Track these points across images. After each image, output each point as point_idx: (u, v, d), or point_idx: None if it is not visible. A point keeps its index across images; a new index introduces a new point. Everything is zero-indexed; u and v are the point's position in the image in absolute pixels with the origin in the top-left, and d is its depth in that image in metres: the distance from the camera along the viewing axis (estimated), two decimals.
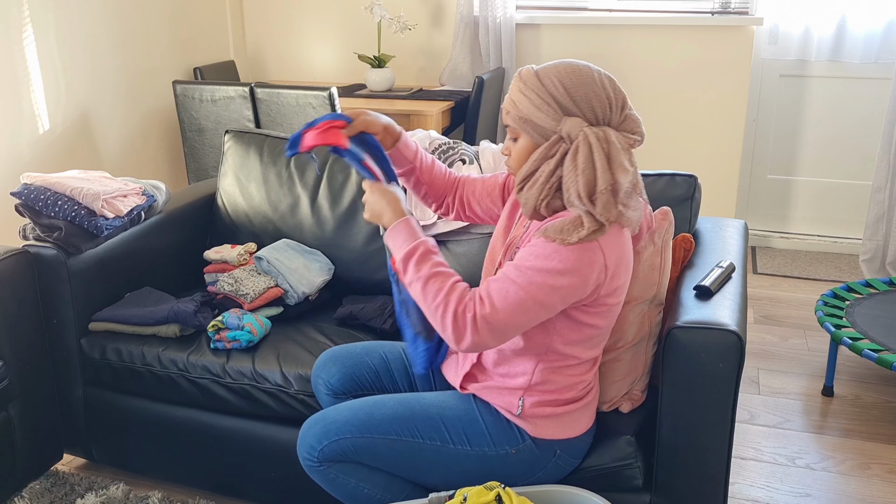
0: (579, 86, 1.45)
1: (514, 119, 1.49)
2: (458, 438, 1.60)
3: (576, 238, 1.41)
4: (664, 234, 1.76)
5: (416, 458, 1.61)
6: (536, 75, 1.48)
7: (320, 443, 1.62)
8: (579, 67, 1.48)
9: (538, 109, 1.46)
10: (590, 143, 1.42)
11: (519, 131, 1.50)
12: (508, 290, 1.42)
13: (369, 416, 1.62)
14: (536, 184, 1.47)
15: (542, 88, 1.46)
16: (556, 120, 1.45)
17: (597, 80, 1.46)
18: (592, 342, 1.57)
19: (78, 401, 2.24)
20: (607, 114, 1.46)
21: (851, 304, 2.83)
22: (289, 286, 2.24)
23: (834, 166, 3.95)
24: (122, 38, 3.57)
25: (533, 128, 1.47)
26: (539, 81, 1.47)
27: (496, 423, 1.60)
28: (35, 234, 2.16)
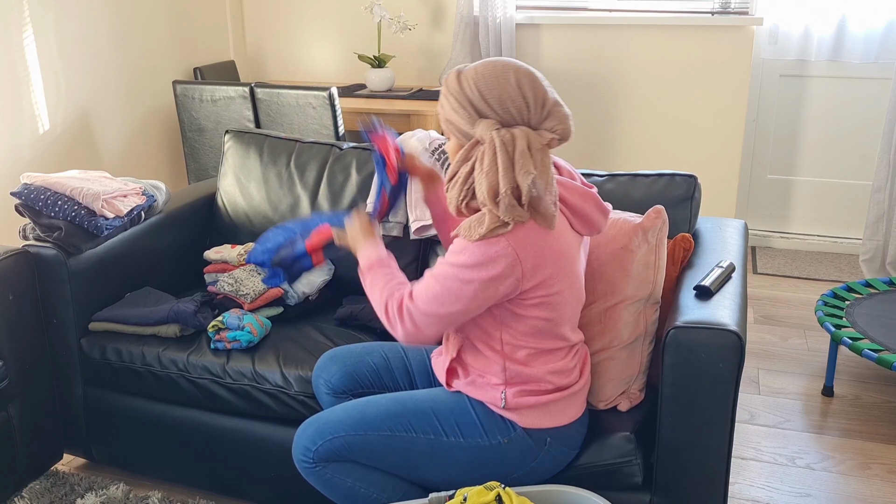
0: (493, 87, 1.49)
1: (441, 121, 1.56)
2: (451, 431, 1.62)
3: (477, 235, 1.47)
4: (658, 232, 1.76)
5: (411, 453, 1.62)
6: (457, 78, 1.53)
7: (314, 443, 1.62)
8: (497, 68, 1.51)
9: (455, 112, 1.52)
10: (494, 147, 1.46)
11: (448, 133, 1.57)
12: (429, 283, 1.53)
13: (362, 414, 1.64)
14: (456, 184, 1.52)
15: (460, 92, 1.51)
16: (471, 123, 1.50)
17: (512, 82, 1.49)
18: (545, 333, 1.59)
19: (78, 401, 2.24)
20: (524, 114, 1.50)
21: (851, 304, 2.83)
22: (288, 286, 2.24)
23: (834, 166, 3.95)
24: (122, 38, 3.58)
25: (455, 130, 1.54)
26: (458, 85, 1.52)
27: (487, 415, 1.62)
28: (35, 234, 2.16)
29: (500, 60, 1.53)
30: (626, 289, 1.74)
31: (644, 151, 4.02)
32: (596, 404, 1.78)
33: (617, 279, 1.74)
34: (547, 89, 1.51)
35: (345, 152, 2.49)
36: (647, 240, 1.75)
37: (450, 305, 1.51)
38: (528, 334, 1.58)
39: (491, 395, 1.62)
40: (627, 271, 1.74)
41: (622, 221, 1.79)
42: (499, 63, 1.52)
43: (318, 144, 2.54)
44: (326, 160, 2.49)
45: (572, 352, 1.65)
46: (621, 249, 1.75)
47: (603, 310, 1.76)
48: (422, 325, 1.54)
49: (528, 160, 1.46)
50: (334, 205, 2.42)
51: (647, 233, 1.75)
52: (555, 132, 1.51)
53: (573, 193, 1.57)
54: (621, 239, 1.75)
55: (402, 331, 1.56)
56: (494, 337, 1.60)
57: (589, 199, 1.59)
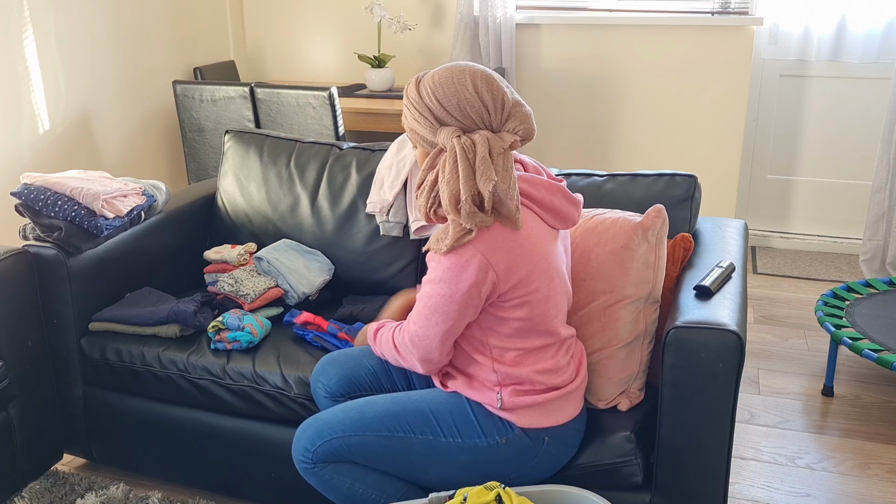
0: (451, 95, 1.49)
1: (406, 130, 1.56)
2: (448, 431, 1.62)
3: (444, 247, 1.48)
4: (658, 231, 1.76)
5: (409, 454, 1.62)
6: (416, 87, 1.53)
7: (313, 444, 1.63)
8: (453, 74, 1.50)
9: (417, 122, 1.53)
10: (455, 154, 1.46)
11: (414, 142, 1.57)
12: (418, 308, 1.57)
13: (360, 415, 1.64)
14: (423, 192, 1.53)
15: (420, 101, 1.52)
16: (433, 131, 1.51)
17: (469, 87, 1.48)
18: (531, 331, 1.58)
19: (78, 401, 2.24)
20: (485, 118, 1.49)
21: (851, 304, 2.83)
22: (289, 286, 2.24)
23: (834, 166, 3.95)
24: (122, 38, 3.57)
25: (419, 139, 1.54)
26: (417, 94, 1.52)
27: (485, 415, 1.62)
28: (35, 234, 2.16)
29: (457, 66, 1.52)
30: (626, 287, 1.74)
31: (644, 151, 4.02)
32: (596, 403, 1.78)
33: (616, 278, 1.74)
34: (505, 90, 1.50)
35: (345, 152, 2.49)
36: (647, 239, 1.75)
37: (443, 323, 1.54)
38: (514, 335, 1.58)
39: (487, 397, 1.62)
40: (627, 270, 1.74)
41: (622, 220, 1.79)
42: (455, 69, 1.51)
43: (318, 144, 2.54)
44: (326, 160, 2.49)
45: (563, 348, 1.64)
46: (621, 248, 1.75)
47: (602, 308, 1.76)
48: (428, 348, 1.58)
49: (489, 166, 1.45)
50: (334, 205, 2.42)
51: (648, 232, 1.75)
52: (517, 133, 1.50)
53: (540, 189, 1.56)
54: (621, 238, 1.75)
55: (416, 361, 1.61)
56: (482, 342, 1.60)
57: (557, 193, 1.58)
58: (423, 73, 1.55)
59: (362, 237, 2.38)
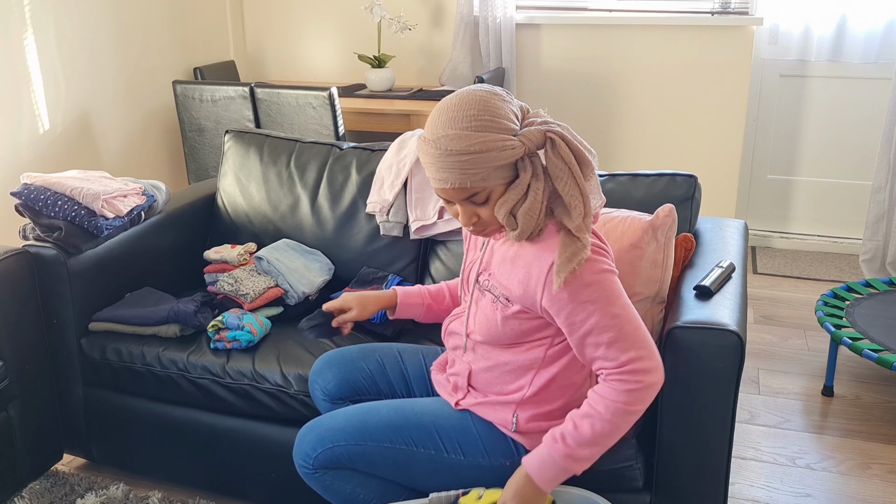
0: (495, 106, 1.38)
1: (477, 183, 1.38)
2: (452, 448, 1.59)
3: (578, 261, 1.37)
4: (667, 231, 1.76)
5: (411, 466, 1.60)
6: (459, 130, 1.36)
7: (315, 450, 1.61)
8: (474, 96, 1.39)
9: (497, 151, 1.36)
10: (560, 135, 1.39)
11: (489, 188, 1.40)
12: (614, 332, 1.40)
13: (363, 424, 1.61)
14: (535, 205, 1.40)
15: (481, 134, 1.36)
16: (516, 144, 1.37)
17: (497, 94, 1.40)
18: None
19: (78, 401, 2.24)
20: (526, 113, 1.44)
21: (851, 304, 2.83)
22: (289, 286, 2.24)
23: (834, 166, 3.95)
24: (122, 38, 3.57)
25: (501, 171, 1.38)
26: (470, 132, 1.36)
27: (491, 435, 1.59)
28: (35, 234, 2.16)
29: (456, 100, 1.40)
30: (634, 286, 1.74)
31: (644, 151, 4.02)
32: None
33: (625, 276, 1.74)
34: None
35: (345, 152, 2.49)
36: (656, 238, 1.75)
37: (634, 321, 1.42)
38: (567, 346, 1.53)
39: (501, 417, 1.58)
40: (636, 269, 1.74)
41: (631, 219, 1.79)
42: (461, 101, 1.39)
43: (318, 144, 2.54)
44: (326, 160, 2.49)
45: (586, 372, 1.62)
46: (630, 247, 1.75)
47: None
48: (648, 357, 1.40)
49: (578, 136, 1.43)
50: (334, 205, 2.42)
51: (657, 231, 1.75)
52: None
53: None
54: (630, 236, 1.75)
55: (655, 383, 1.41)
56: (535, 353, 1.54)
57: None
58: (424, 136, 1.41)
59: (362, 237, 2.38)
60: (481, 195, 1.41)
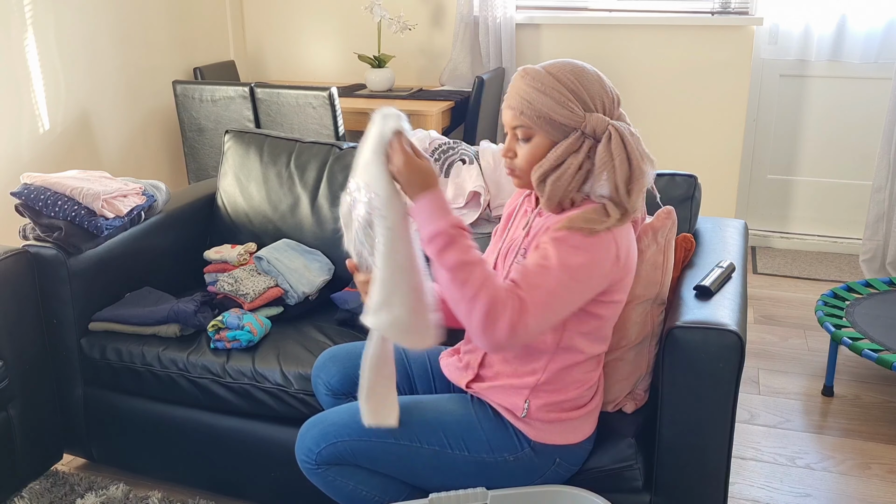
0: (591, 83, 1.50)
1: (531, 118, 1.48)
2: (455, 444, 1.59)
3: (603, 227, 1.44)
4: (667, 232, 1.76)
5: (414, 462, 1.61)
6: (550, 74, 1.49)
7: (318, 446, 1.61)
8: (583, 66, 1.53)
9: (560, 106, 1.47)
10: (621, 136, 1.46)
11: (534, 130, 1.49)
12: (541, 286, 1.40)
13: None
14: (564, 176, 1.47)
15: (561, 86, 1.48)
16: (579, 116, 1.47)
17: (600, 78, 1.53)
18: (597, 335, 1.57)
19: (78, 401, 2.24)
20: (612, 109, 1.52)
21: (851, 304, 2.83)
22: (289, 286, 2.24)
23: (834, 166, 3.95)
24: (122, 38, 3.57)
25: (552, 125, 1.48)
26: (555, 80, 1.48)
27: (495, 430, 1.60)
28: (35, 234, 2.16)
29: (573, 60, 1.54)
30: (635, 288, 1.73)
31: None
32: (603, 406, 1.76)
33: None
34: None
35: (345, 152, 2.49)
36: (656, 240, 1.75)
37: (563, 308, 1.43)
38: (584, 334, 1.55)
39: (512, 402, 1.58)
40: (637, 271, 1.74)
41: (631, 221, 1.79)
42: (577, 62, 1.54)
43: (318, 144, 2.54)
44: (326, 160, 2.49)
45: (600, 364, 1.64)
46: None
47: None
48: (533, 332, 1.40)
49: (644, 150, 1.50)
50: (334, 205, 2.42)
51: (657, 233, 1.75)
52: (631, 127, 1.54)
53: None
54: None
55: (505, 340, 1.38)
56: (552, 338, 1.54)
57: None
58: (533, 66, 1.53)
59: None
60: (525, 131, 1.50)
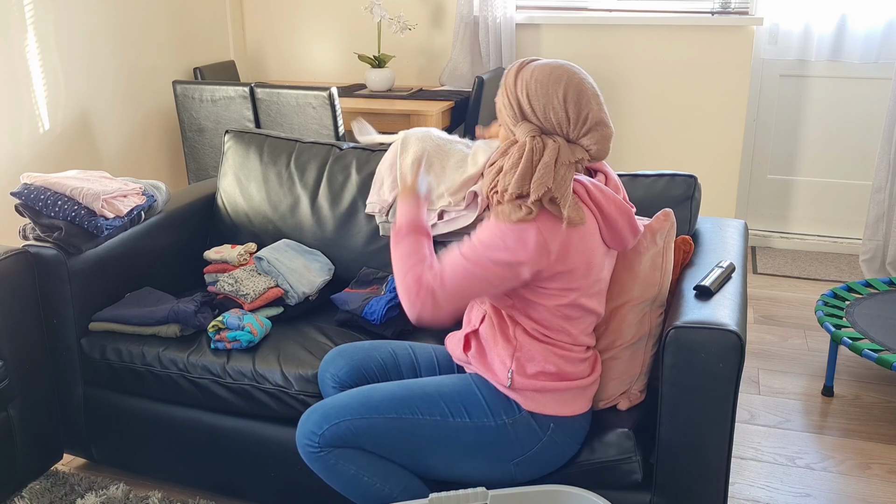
0: (541, 96, 1.55)
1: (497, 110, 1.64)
2: (456, 411, 1.65)
3: (515, 217, 1.52)
4: (665, 235, 1.76)
5: (416, 436, 1.64)
6: (516, 74, 1.58)
7: (320, 427, 1.63)
8: (552, 76, 1.56)
9: (505, 107, 1.60)
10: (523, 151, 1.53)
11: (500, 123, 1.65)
12: (456, 263, 1.56)
13: (368, 398, 1.66)
14: (490, 173, 1.60)
15: (513, 89, 1.58)
16: (515, 122, 1.59)
17: (560, 95, 1.55)
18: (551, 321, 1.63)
19: (78, 401, 2.24)
20: (564, 127, 1.56)
21: (851, 304, 2.83)
22: (289, 286, 2.24)
23: (834, 166, 3.95)
24: (122, 38, 3.58)
25: (503, 120, 1.62)
26: (514, 82, 1.58)
27: (493, 395, 1.66)
28: (35, 234, 2.16)
29: (560, 68, 1.57)
30: (633, 290, 1.74)
31: (644, 151, 4.02)
32: (595, 403, 1.78)
33: (624, 280, 1.74)
34: (594, 107, 1.56)
35: (345, 152, 2.49)
36: (655, 241, 1.75)
37: (477, 285, 1.55)
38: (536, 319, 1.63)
39: (499, 371, 1.66)
40: (635, 272, 1.74)
41: None
42: (555, 71, 1.56)
43: (318, 144, 2.54)
44: (326, 160, 2.49)
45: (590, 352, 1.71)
46: (629, 250, 1.75)
47: (609, 310, 1.76)
48: (443, 302, 1.56)
49: (550, 173, 1.51)
50: (334, 205, 2.42)
51: (656, 235, 1.75)
52: (589, 150, 1.57)
53: (610, 205, 1.61)
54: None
55: (419, 308, 1.58)
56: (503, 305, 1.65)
57: (624, 215, 1.63)
58: (528, 60, 1.60)
59: (362, 237, 2.38)
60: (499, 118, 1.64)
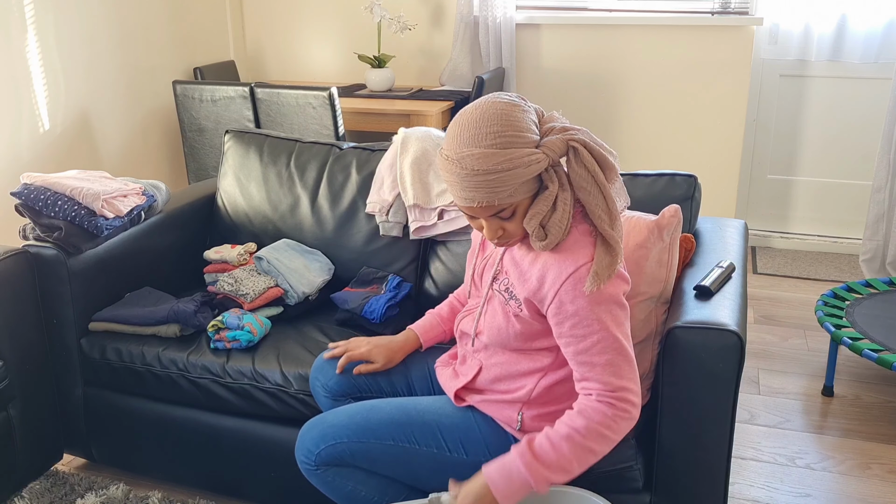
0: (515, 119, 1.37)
1: (505, 200, 1.38)
2: (454, 446, 1.59)
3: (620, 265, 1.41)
4: (672, 231, 1.77)
5: (413, 464, 1.60)
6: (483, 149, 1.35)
7: (317, 447, 1.61)
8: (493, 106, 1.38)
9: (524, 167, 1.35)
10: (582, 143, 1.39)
11: (514, 205, 1.40)
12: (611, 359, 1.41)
13: (366, 421, 1.61)
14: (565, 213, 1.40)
15: (498, 153, 1.34)
16: (540, 157, 1.37)
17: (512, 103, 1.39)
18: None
19: (78, 401, 2.24)
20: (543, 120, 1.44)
21: (851, 304, 2.83)
22: (289, 286, 2.24)
23: (834, 166, 3.95)
24: (122, 38, 3.57)
25: (525, 187, 1.38)
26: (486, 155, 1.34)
27: (493, 434, 1.59)
28: (35, 234, 2.16)
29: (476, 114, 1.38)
30: (640, 286, 1.74)
31: (644, 151, 4.02)
32: None
33: (631, 276, 1.74)
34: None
35: (345, 152, 2.49)
36: (661, 238, 1.75)
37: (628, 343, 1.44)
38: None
39: (506, 415, 1.58)
40: (641, 268, 1.74)
41: (636, 219, 1.79)
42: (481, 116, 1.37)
43: (318, 144, 2.54)
44: (326, 160, 2.49)
45: None
46: (636, 246, 1.75)
47: None
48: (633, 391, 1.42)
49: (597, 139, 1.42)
50: (334, 205, 2.42)
51: (663, 231, 1.76)
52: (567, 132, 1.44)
53: None
54: (636, 236, 1.76)
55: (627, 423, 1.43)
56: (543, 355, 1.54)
57: None
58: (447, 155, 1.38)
59: (362, 237, 2.38)
60: (508, 210, 1.41)
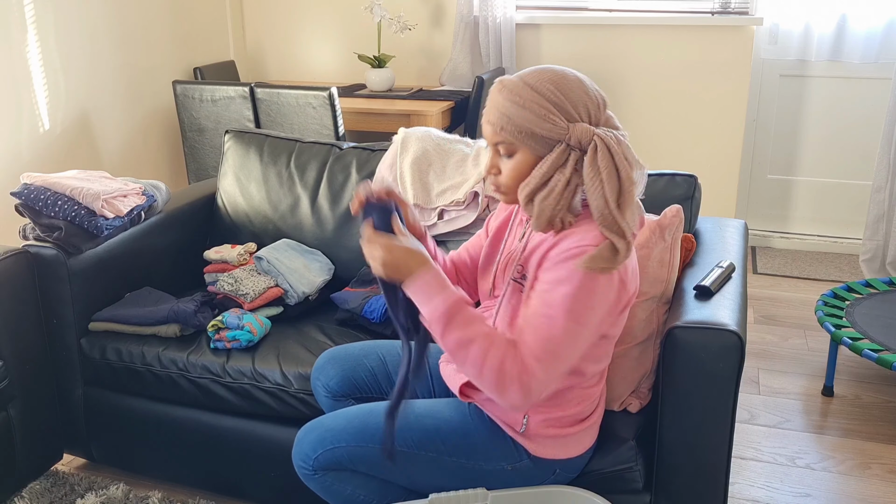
0: (572, 90, 1.39)
1: (512, 133, 1.39)
2: (453, 451, 1.57)
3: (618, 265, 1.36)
4: (674, 231, 1.77)
5: (411, 468, 1.59)
6: (529, 85, 1.39)
7: (315, 451, 1.60)
8: (563, 72, 1.42)
9: (542, 119, 1.37)
10: (607, 146, 1.36)
11: (517, 146, 1.41)
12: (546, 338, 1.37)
13: (364, 425, 1.59)
14: (552, 194, 1.38)
15: (541, 97, 1.38)
16: (562, 128, 1.37)
17: (582, 83, 1.41)
18: (601, 352, 1.53)
19: (78, 401, 2.24)
20: (598, 114, 1.42)
21: (851, 304, 2.83)
22: (289, 286, 2.24)
23: (834, 166, 3.95)
24: (122, 38, 3.57)
25: (535, 139, 1.39)
26: (535, 91, 1.38)
27: (493, 439, 1.57)
28: (35, 234, 2.16)
29: (551, 66, 1.43)
30: (642, 286, 1.74)
31: (644, 151, 4.02)
32: (608, 405, 1.76)
33: None
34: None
35: (345, 152, 2.49)
36: (663, 238, 1.76)
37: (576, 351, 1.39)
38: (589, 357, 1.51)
39: (511, 417, 1.56)
40: (643, 268, 1.74)
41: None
42: (556, 67, 1.42)
43: (318, 144, 2.54)
44: (326, 160, 2.49)
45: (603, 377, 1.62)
46: (638, 246, 1.74)
47: None
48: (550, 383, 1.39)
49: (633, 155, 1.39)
50: (334, 205, 2.42)
51: (665, 231, 1.76)
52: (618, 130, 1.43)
53: None
54: (638, 236, 1.75)
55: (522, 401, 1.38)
56: None
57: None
58: (512, 75, 1.42)
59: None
60: (507, 147, 1.42)
